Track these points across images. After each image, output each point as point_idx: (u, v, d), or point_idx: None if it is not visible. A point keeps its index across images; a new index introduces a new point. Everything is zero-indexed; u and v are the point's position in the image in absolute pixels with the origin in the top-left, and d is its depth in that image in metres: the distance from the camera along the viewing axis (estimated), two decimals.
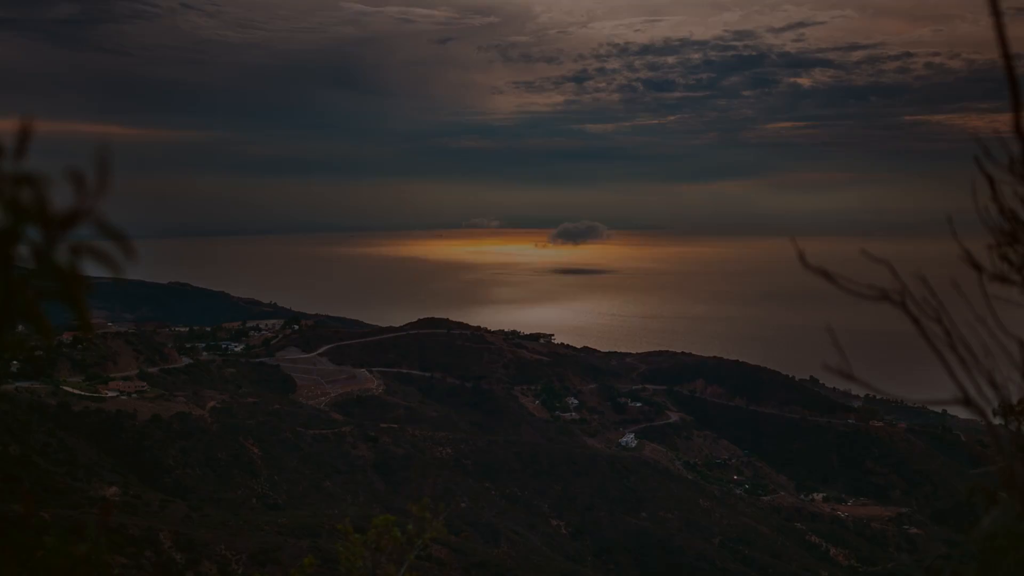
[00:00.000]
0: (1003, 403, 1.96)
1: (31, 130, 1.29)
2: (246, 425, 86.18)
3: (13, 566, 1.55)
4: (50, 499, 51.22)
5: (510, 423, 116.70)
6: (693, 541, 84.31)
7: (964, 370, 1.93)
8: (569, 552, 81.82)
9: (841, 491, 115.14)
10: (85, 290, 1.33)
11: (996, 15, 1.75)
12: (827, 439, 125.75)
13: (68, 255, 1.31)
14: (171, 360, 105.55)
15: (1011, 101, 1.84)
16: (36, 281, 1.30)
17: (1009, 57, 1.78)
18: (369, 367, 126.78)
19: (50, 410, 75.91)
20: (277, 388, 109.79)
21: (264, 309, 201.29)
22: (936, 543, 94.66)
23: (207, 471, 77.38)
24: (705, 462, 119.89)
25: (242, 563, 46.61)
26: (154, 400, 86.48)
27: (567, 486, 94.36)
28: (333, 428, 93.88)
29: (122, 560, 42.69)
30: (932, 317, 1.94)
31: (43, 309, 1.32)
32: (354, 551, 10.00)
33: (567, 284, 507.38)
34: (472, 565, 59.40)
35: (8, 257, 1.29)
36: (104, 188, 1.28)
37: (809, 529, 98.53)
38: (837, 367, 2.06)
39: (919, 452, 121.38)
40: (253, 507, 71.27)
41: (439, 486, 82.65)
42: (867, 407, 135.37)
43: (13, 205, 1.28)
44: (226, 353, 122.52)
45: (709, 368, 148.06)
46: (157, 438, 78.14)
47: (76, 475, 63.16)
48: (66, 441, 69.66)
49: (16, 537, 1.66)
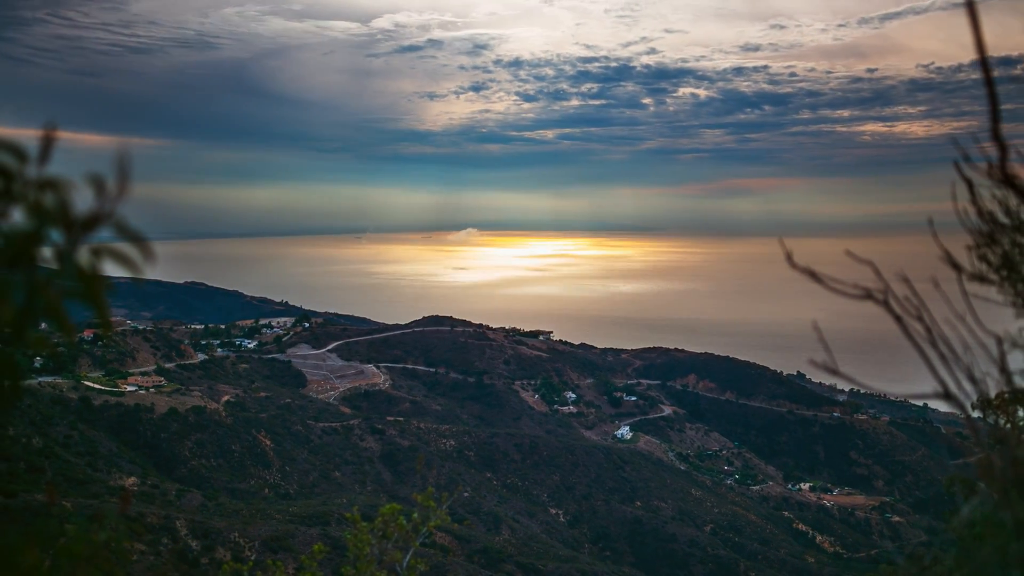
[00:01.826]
0: (981, 397, 1.96)
1: (54, 137, 1.31)
2: (259, 418, 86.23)
3: (37, 552, 1.56)
4: (72, 489, 51.28)
5: (511, 416, 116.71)
6: (685, 528, 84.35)
7: (944, 366, 1.93)
8: (567, 539, 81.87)
9: (827, 481, 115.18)
10: (105, 290, 1.35)
11: (974, 27, 1.75)
12: (813, 431, 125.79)
13: (89, 256, 1.33)
14: (187, 356, 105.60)
15: (989, 109, 1.84)
16: (58, 281, 1.31)
17: (987, 67, 1.78)
18: (376, 363, 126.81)
19: (72, 404, 75.96)
20: (288, 383, 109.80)
21: (276, 307, 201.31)
22: (917, 531, 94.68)
23: (221, 462, 77.43)
24: (697, 453, 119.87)
25: (255, 550, 46.63)
26: (171, 394, 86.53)
27: (565, 476, 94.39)
28: (342, 421, 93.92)
29: (140, 547, 42.73)
30: (914, 315, 1.94)
31: (65, 308, 1.33)
32: (362, 538, 10.01)
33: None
34: (474, 551, 59.44)
35: (32, 258, 1.31)
36: (124, 193, 1.31)
37: (796, 517, 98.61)
38: (823, 363, 2.06)
39: (901, 444, 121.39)
40: (265, 496, 71.30)
41: (443, 476, 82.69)
42: (852, 401, 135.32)
43: (37, 208, 1.30)
44: (240, 350, 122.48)
45: (701, 364, 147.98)
46: (174, 430, 78.18)
47: (96, 466, 63.21)
48: (87, 433, 69.71)
49: (40, 524, 1.67)
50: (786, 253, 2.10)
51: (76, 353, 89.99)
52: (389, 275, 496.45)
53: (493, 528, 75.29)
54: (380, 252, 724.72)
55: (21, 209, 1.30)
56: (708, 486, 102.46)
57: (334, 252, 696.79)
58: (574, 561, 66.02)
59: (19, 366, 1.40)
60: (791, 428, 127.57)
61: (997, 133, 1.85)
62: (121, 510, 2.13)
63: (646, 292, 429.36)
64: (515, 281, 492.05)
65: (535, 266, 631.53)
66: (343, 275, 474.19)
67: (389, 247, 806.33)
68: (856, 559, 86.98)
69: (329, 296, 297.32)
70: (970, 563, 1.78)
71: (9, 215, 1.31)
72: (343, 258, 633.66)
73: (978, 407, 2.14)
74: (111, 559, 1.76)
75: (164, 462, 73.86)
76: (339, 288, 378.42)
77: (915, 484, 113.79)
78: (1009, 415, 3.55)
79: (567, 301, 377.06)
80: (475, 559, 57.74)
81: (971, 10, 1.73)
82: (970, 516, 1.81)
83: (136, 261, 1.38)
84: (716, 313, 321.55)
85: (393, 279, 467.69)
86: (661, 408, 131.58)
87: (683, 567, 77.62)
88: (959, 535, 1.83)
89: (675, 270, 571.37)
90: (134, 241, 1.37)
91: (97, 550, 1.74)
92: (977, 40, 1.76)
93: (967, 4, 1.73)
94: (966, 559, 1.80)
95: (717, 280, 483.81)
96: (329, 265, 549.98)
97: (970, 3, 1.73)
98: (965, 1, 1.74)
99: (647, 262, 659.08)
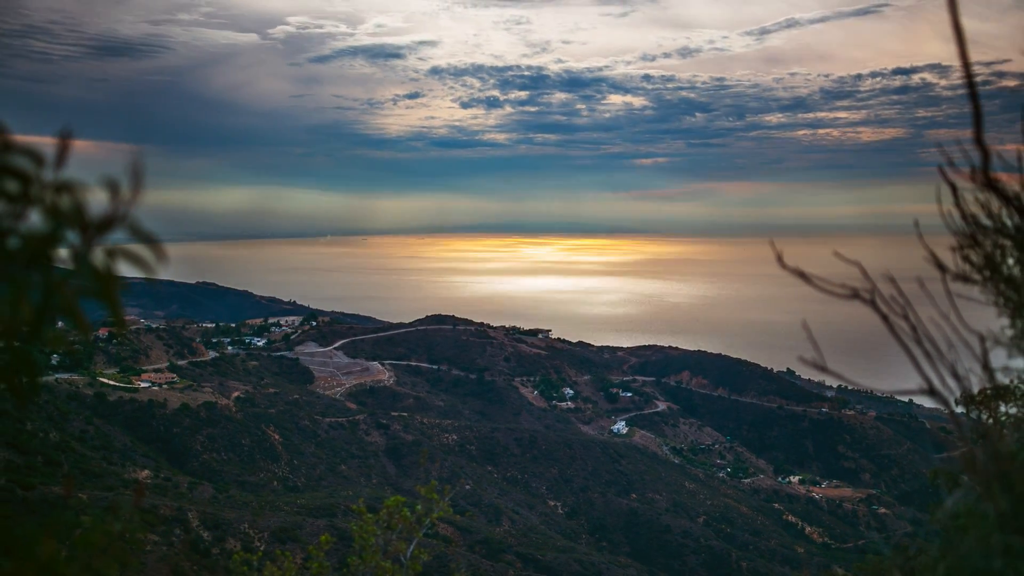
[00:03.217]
0: (964, 393, 1.96)
1: (70, 143, 1.32)
2: (268, 414, 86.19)
3: (55, 542, 1.56)
4: (87, 481, 51.25)
5: (511, 412, 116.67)
6: (679, 520, 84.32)
7: (929, 363, 1.93)
8: (565, 530, 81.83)
9: (816, 474, 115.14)
10: (119, 289, 1.36)
11: (958, 34, 1.75)
12: (803, 426, 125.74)
13: (104, 257, 1.34)
14: (199, 354, 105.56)
15: (973, 114, 1.84)
16: (74, 281, 1.32)
17: (970, 73, 1.78)
18: (381, 360, 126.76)
19: (87, 399, 75.95)
20: (296, 380, 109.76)
21: (284, 307, 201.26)
22: (903, 522, 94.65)
23: (232, 456, 77.40)
24: (690, 447, 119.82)
25: (264, 540, 46.61)
26: (183, 391, 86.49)
27: (563, 469, 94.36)
28: (348, 416, 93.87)
29: (154, 537, 42.70)
30: (899, 314, 1.94)
31: (81, 307, 1.34)
32: (367, 529, 10.02)
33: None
34: (476, 542, 59.43)
35: (49, 259, 1.32)
36: (137, 196, 1.32)
37: (786, 509, 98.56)
38: (812, 360, 2.06)
39: (887, 438, 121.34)
40: (274, 489, 71.27)
41: (445, 469, 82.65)
42: (839, 397, 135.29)
43: (54, 211, 1.31)
44: (249, 347, 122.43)
45: (694, 361, 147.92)
46: (186, 425, 78.15)
47: (111, 459, 63.17)
48: (102, 428, 69.68)
49: (57, 516, 1.67)
50: (777, 255, 2.10)
51: (92, 350, 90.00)
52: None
53: (494, 519, 75.26)
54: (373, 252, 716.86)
55: (38, 211, 1.32)
56: (701, 479, 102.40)
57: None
58: (572, 552, 65.99)
59: (37, 363, 1.42)
60: (781, 423, 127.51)
61: (980, 139, 1.85)
62: (135, 502, 2.13)
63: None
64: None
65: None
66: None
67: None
68: (844, 549, 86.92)
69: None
70: (954, 553, 1.78)
71: (27, 217, 1.32)
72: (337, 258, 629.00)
73: (961, 403, 2.14)
74: (126, 549, 1.77)
75: (176, 456, 73.82)
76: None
77: (900, 477, 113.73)
78: (991, 411, 3.56)
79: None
80: (476, 549, 57.72)
81: (956, 25, 1.73)
82: (953, 508, 1.81)
83: (149, 262, 1.39)
84: (702, 312, 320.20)
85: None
86: (656, 404, 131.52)
87: (677, 557, 77.60)
88: (943, 526, 1.83)
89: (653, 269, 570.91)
90: (147, 242, 1.38)
91: (112, 540, 1.75)
92: (961, 52, 1.76)
93: (952, 21, 1.73)
94: (950, 549, 1.80)
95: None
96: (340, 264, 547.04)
97: (955, 20, 1.73)
98: (951, 21, 1.73)
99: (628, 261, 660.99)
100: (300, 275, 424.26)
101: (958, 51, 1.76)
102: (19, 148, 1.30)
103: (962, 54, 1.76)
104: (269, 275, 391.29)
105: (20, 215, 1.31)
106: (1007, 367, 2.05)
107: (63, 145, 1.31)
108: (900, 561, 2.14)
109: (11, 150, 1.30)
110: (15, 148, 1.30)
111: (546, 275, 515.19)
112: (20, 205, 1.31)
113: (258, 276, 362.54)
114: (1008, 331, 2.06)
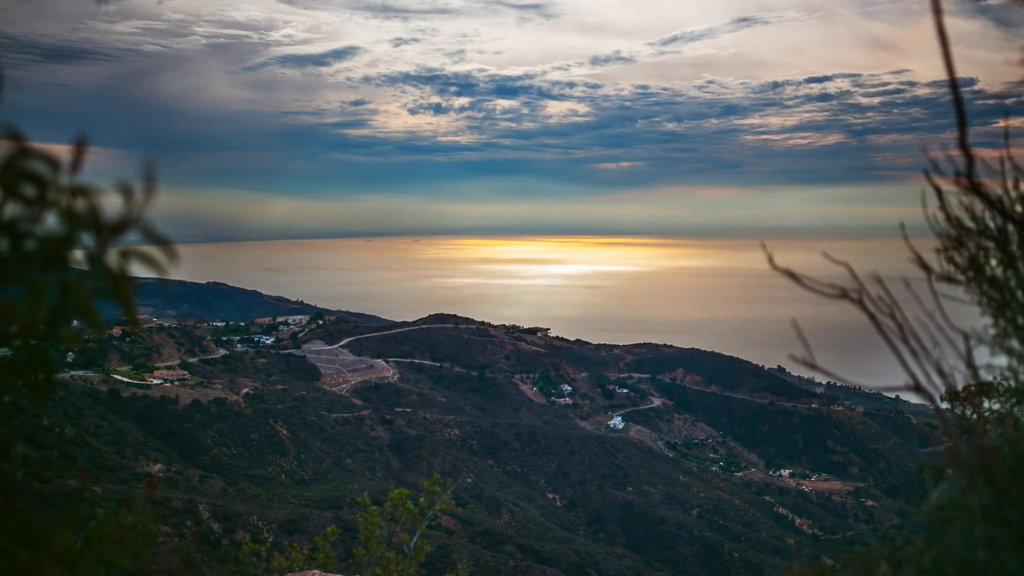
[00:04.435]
0: (949, 390, 1.96)
1: (85, 147, 1.32)
2: (276, 409, 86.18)
3: (69, 534, 1.57)
4: (101, 475, 51.27)
5: (511, 408, 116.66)
6: (674, 512, 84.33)
7: (915, 360, 1.93)
8: (563, 522, 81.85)
9: (805, 468, 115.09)
10: (133, 289, 1.36)
11: (942, 39, 1.75)
12: (793, 422, 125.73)
13: (118, 258, 1.35)
14: (209, 352, 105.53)
15: (956, 119, 1.84)
16: (89, 281, 1.33)
17: (954, 79, 1.79)
18: (385, 358, 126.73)
19: (101, 396, 75.93)
20: (303, 377, 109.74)
21: (292, 306, 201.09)
22: (890, 514, 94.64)
23: (241, 450, 77.41)
24: (684, 442, 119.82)
25: (272, 532, 46.61)
26: (194, 387, 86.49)
27: (562, 463, 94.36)
28: (353, 412, 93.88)
29: (166, 529, 42.72)
30: (886, 313, 1.94)
31: (96, 306, 1.34)
32: (372, 521, 10.02)
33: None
34: (477, 533, 59.43)
35: (65, 260, 1.33)
36: (150, 199, 1.32)
37: (777, 501, 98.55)
38: (802, 358, 2.06)
39: (875, 433, 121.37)
40: (282, 482, 71.27)
41: (447, 463, 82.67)
42: (828, 393, 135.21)
43: (69, 214, 1.31)
44: (258, 345, 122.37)
45: (688, 359, 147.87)
46: (197, 421, 78.14)
47: (124, 454, 63.20)
48: (116, 423, 69.68)
49: (72, 508, 1.67)
50: (768, 256, 2.10)
51: (106, 349, 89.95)
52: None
53: (494, 512, 75.28)
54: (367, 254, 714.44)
55: (54, 214, 1.32)
56: (695, 472, 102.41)
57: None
58: (570, 542, 65.99)
59: (53, 361, 1.42)
60: (772, 418, 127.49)
61: (964, 144, 1.85)
62: (148, 495, 2.13)
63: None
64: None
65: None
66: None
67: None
68: (833, 540, 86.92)
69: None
70: (939, 544, 1.78)
71: (43, 220, 1.33)
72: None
73: (946, 399, 2.14)
74: (138, 540, 1.77)
75: (188, 450, 73.82)
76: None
77: (888, 471, 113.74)
78: (975, 406, 3.56)
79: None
80: (478, 541, 57.72)
81: (940, 33, 1.73)
82: (939, 500, 1.82)
83: (161, 262, 1.39)
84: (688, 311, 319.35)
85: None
86: (651, 400, 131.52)
87: (671, 548, 77.60)
88: (929, 518, 1.83)
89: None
90: (159, 244, 1.38)
91: (126, 532, 1.75)
92: (946, 59, 1.76)
93: (937, 30, 1.73)
94: (935, 540, 1.80)
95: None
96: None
97: (940, 28, 1.73)
98: (936, 31, 1.73)
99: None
100: (299, 275, 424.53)
101: (943, 62, 1.76)
102: (36, 153, 1.30)
103: (947, 64, 1.76)
104: (270, 275, 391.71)
105: (37, 218, 1.32)
106: (990, 364, 2.05)
107: (79, 150, 1.31)
108: (887, 552, 2.14)
109: (28, 155, 1.30)
110: (32, 153, 1.30)
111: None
112: (37, 208, 1.31)
113: (261, 277, 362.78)
114: (991, 330, 2.06)
